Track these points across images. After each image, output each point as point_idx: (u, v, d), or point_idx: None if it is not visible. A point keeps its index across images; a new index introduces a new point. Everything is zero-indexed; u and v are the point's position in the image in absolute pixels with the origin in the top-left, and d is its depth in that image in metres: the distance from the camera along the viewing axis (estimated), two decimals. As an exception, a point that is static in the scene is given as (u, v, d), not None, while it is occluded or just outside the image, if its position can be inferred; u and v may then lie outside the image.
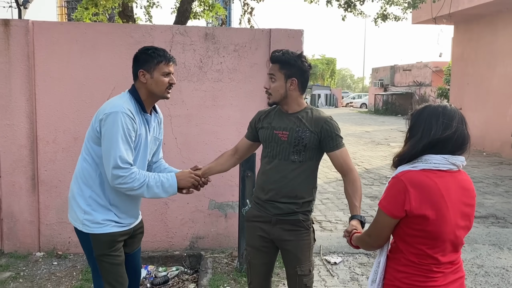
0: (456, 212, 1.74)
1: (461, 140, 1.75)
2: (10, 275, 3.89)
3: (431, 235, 1.73)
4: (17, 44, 4.15)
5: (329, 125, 2.47)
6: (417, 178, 1.72)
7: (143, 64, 2.40)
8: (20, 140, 4.24)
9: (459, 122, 1.75)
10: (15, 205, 4.30)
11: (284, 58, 2.45)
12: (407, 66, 33.00)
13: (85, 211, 2.37)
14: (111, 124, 2.26)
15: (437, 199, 1.71)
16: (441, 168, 1.74)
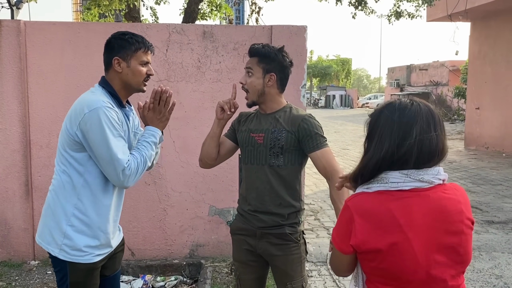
0: (427, 243, 1.33)
1: (428, 150, 1.34)
2: (1, 285, 3.75)
3: (389, 274, 1.35)
4: (9, 45, 4.02)
5: (307, 123, 2.23)
6: (366, 204, 1.36)
7: (118, 51, 2.10)
8: (12, 145, 4.10)
9: (425, 127, 1.35)
10: (9, 212, 4.16)
11: (264, 51, 2.24)
12: (423, 66, 32.44)
13: (66, 234, 2.05)
14: (95, 124, 1.96)
15: (392, 228, 1.32)
16: (402, 188, 1.34)
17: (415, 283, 1.34)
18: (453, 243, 1.35)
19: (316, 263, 4.34)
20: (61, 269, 2.11)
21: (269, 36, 4.18)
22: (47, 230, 2.10)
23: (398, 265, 1.33)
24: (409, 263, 1.32)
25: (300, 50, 4.15)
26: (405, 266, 1.33)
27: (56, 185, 2.12)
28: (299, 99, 4.19)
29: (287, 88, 4.22)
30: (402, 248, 1.32)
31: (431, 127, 1.35)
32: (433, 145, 1.35)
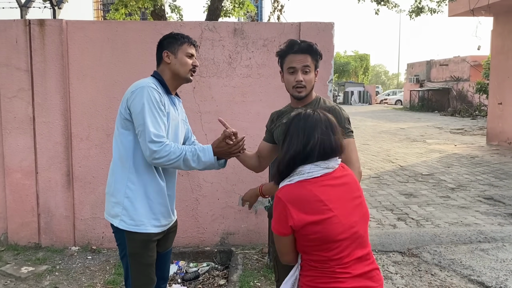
0: (345, 209, 1.73)
1: (330, 147, 1.77)
2: (46, 268, 4.00)
3: (323, 240, 1.70)
4: (52, 43, 4.26)
5: (333, 112, 2.29)
6: (293, 192, 1.73)
7: (167, 46, 2.42)
8: (55, 137, 4.35)
9: (324, 130, 1.78)
10: (51, 200, 4.42)
11: (315, 48, 2.34)
12: (443, 61, 32.08)
13: (124, 206, 2.32)
14: (139, 99, 2.23)
15: (317, 205, 1.70)
16: (315, 175, 1.75)
17: (345, 241, 1.71)
18: (359, 203, 1.79)
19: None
20: (121, 242, 2.37)
21: (297, 32, 4.33)
22: (110, 204, 2.39)
23: (329, 231, 1.69)
24: (336, 226, 1.70)
25: (327, 46, 4.30)
26: (334, 230, 1.70)
27: (113, 163, 2.41)
28: (326, 93, 4.33)
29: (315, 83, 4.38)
30: (328, 218, 1.70)
31: (329, 130, 1.79)
32: (332, 144, 1.77)
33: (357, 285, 1.72)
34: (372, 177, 8.25)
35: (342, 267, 1.71)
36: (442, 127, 18.90)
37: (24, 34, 4.26)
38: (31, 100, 4.32)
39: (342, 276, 1.71)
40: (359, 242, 1.75)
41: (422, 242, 4.72)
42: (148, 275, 2.41)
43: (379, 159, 10.33)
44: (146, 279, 2.41)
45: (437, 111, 29.35)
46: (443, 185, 7.56)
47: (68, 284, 3.74)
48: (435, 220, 5.57)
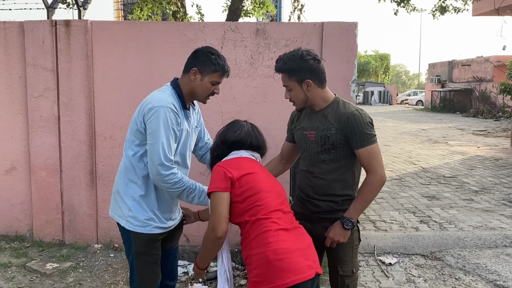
0: (269, 183, 2.16)
1: (256, 143, 2.28)
2: (70, 265, 4.07)
3: (255, 189, 2.05)
4: (77, 43, 4.33)
5: (352, 119, 2.28)
6: (228, 162, 2.18)
7: (200, 63, 2.36)
8: (79, 136, 4.42)
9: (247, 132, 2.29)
10: (75, 198, 4.49)
11: (287, 66, 2.31)
12: (466, 61, 31.51)
13: (130, 208, 2.38)
14: (156, 118, 2.25)
15: (247, 164, 2.15)
16: (244, 155, 2.22)
17: (270, 193, 2.09)
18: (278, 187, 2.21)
19: (363, 254, 4.45)
20: (127, 239, 2.43)
21: (320, 32, 4.30)
22: (117, 204, 2.45)
23: (259, 182, 2.09)
24: (262, 181, 2.11)
25: (351, 46, 4.26)
26: (262, 182, 2.10)
27: (123, 166, 2.46)
28: (349, 93, 4.29)
29: (337, 83, 4.36)
30: (255, 172, 2.13)
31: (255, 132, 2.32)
32: (259, 142, 2.31)
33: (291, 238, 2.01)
34: (394, 179, 8.15)
35: (272, 218, 2.01)
36: (464, 128, 18.57)
37: (51, 34, 4.33)
38: (56, 99, 4.39)
39: (275, 227, 1.99)
40: (282, 200, 2.13)
41: (446, 246, 4.64)
42: (153, 272, 2.47)
43: (400, 161, 10.20)
44: (151, 276, 2.47)
45: (459, 112, 28.84)
46: (466, 188, 7.43)
47: (91, 281, 3.79)
48: (458, 223, 5.47)
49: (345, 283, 2.41)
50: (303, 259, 1.96)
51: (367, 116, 2.35)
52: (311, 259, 2.01)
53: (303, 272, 1.92)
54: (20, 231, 4.63)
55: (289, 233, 2.01)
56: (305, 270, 1.93)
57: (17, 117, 4.50)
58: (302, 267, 1.93)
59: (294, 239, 2.01)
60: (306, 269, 1.94)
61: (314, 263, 2.01)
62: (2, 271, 3.93)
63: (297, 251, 1.96)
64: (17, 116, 4.50)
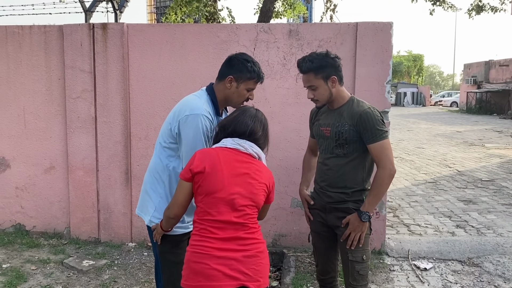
0: (232, 176, 2.02)
1: (240, 130, 2.12)
2: (106, 262, 4.16)
3: (205, 189, 2.00)
4: (114, 46, 4.43)
5: (364, 116, 2.44)
6: (204, 150, 2.14)
7: (236, 71, 2.35)
8: (115, 136, 4.52)
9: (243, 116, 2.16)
10: (110, 197, 4.59)
11: (315, 64, 2.45)
12: (504, 61, 30.47)
13: (156, 207, 2.41)
14: (191, 126, 2.25)
15: (214, 160, 2.03)
16: (228, 145, 2.10)
17: (219, 199, 1.99)
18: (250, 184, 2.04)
19: (397, 258, 4.36)
20: (152, 235, 2.45)
21: (354, 33, 4.25)
22: (144, 203, 2.50)
23: (213, 183, 2.00)
24: (218, 183, 2.00)
25: (386, 46, 4.19)
26: (216, 185, 1.99)
27: (152, 166, 2.50)
28: (384, 95, 4.22)
29: (371, 84, 4.30)
30: (216, 172, 2.01)
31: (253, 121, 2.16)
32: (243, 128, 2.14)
33: (222, 247, 1.95)
34: (428, 182, 7.96)
35: (213, 226, 1.98)
36: (502, 130, 17.96)
37: (88, 37, 4.45)
38: (93, 100, 4.51)
39: (210, 235, 1.97)
40: (236, 210, 1.99)
41: (484, 252, 4.49)
42: (178, 272, 2.46)
43: (435, 163, 9.95)
44: (177, 275, 2.46)
45: (495, 114, 27.93)
46: (505, 192, 7.17)
47: (126, 279, 3.86)
48: (497, 228, 5.29)
49: (355, 268, 2.53)
50: (226, 269, 1.93)
51: (379, 113, 2.49)
52: (242, 271, 1.95)
53: (218, 280, 1.91)
54: (58, 229, 4.78)
55: (223, 242, 1.96)
56: (222, 279, 1.92)
57: (56, 118, 4.64)
58: (218, 275, 1.92)
59: (225, 248, 1.95)
60: (225, 278, 1.92)
61: (244, 276, 1.95)
62: (41, 267, 4.05)
63: (221, 259, 1.94)
64: (56, 117, 4.64)
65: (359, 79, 4.24)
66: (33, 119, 4.68)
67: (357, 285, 2.55)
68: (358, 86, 4.23)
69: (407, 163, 9.98)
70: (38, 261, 4.18)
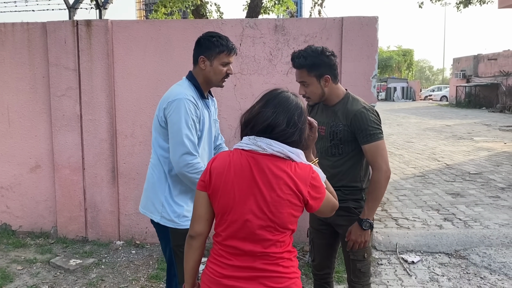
0: (245, 190, 1.61)
1: (260, 123, 1.65)
2: (93, 261, 4.13)
3: (217, 208, 1.66)
4: (98, 43, 4.38)
5: (358, 116, 2.36)
6: (220, 155, 1.71)
7: (205, 50, 2.38)
8: (101, 134, 4.48)
9: (265, 106, 1.68)
10: (97, 195, 4.55)
11: (308, 61, 2.36)
12: (492, 55, 30.74)
13: (163, 204, 2.39)
14: (176, 110, 2.26)
15: (223, 169, 1.65)
16: (243, 147, 1.66)
17: (234, 222, 1.62)
18: (265, 199, 1.59)
19: (385, 252, 4.38)
20: (164, 235, 2.43)
21: (339, 28, 4.25)
22: (150, 201, 2.45)
23: (223, 200, 1.63)
24: (229, 200, 1.62)
25: (371, 41, 4.19)
26: (227, 202, 1.62)
27: (153, 162, 2.47)
28: (370, 89, 4.23)
29: (357, 78, 4.30)
30: (227, 188, 1.62)
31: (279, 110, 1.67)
32: (264, 120, 1.66)
33: (234, 274, 1.63)
34: (417, 176, 8.01)
35: (227, 252, 1.65)
36: (490, 124, 18.12)
37: (72, 34, 4.40)
38: (78, 98, 4.46)
39: (222, 260, 1.65)
40: (248, 234, 1.61)
41: (471, 244, 4.53)
42: None
43: (424, 157, 10.02)
44: None
45: (484, 108, 28.17)
46: (492, 185, 7.24)
47: (113, 277, 3.84)
48: (484, 221, 5.33)
49: (357, 266, 2.53)
50: None
51: (374, 113, 2.42)
52: None
53: None
54: (44, 228, 4.73)
55: (236, 270, 1.65)
56: None
57: (41, 116, 4.59)
58: None
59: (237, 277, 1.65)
60: None
61: None
62: (28, 267, 4.01)
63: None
64: (40, 115, 4.59)
65: (345, 74, 4.24)
66: (17, 118, 4.62)
67: (359, 281, 2.55)
68: (344, 81, 4.23)
69: (396, 157, 10.03)
70: (25, 261, 4.14)
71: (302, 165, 1.66)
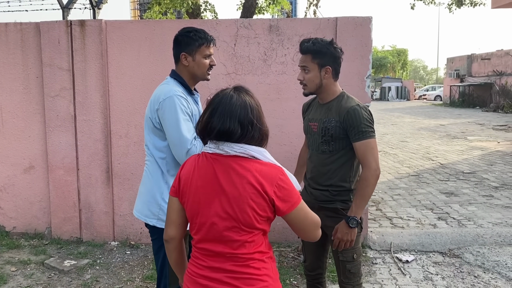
0: (211, 196, 1.59)
1: (215, 131, 1.61)
2: (88, 262, 4.12)
3: (188, 213, 1.66)
4: (92, 43, 4.37)
5: (351, 113, 2.36)
6: (190, 159, 1.72)
7: (185, 47, 2.39)
8: (95, 135, 4.46)
9: (212, 116, 1.62)
10: (92, 196, 4.54)
11: (315, 47, 2.37)
12: (485, 55, 30.89)
13: (160, 206, 2.37)
14: (170, 109, 2.25)
15: (190, 176, 1.64)
16: (208, 151, 1.65)
17: (199, 224, 1.62)
18: (229, 199, 1.57)
19: (380, 251, 4.40)
20: (158, 237, 2.40)
21: (333, 28, 4.26)
22: (145, 205, 2.43)
23: (189, 205, 1.64)
24: (195, 205, 1.62)
25: (365, 41, 4.21)
26: (193, 207, 1.63)
27: (149, 165, 2.46)
28: (364, 89, 4.24)
29: (351, 78, 4.31)
30: (192, 190, 1.63)
31: (228, 114, 1.61)
32: (218, 126, 1.61)
33: (208, 275, 1.61)
34: (411, 175, 8.04)
35: (201, 253, 1.65)
36: (484, 123, 18.22)
37: (66, 34, 4.38)
38: (72, 98, 4.45)
39: (198, 261, 1.65)
40: (217, 235, 1.59)
41: (464, 243, 4.56)
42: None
43: (418, 157, 10.06)
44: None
45: (478, 107, 28.32)
46: (485, 184, 7.28)
47: (108, 278, 3.83)
48: (477, 220, 5.37)
49: (347, 267, 2.52)
50: None
51: (368, 112, 2.43)
52: None
53: None
54: (38, 229, 4.71)
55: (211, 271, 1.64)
56: None
57: (35, 117, 4.57)
58: None
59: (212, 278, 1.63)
60: None
61: None
62: (22, 268, 4.00)
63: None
64: (34, 116, 4.57)
65: (340, 74, 4.24)
66: (11, 118, 4.60)
67: (349, 282, 2.54)
68: (338, 80, 4.23)
69: (390, 157, 10.07)
70: (19, 262, 4.12)
71: (271, 165, 1.63)
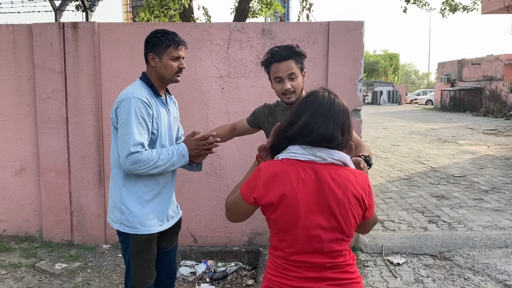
0: (312, 205, 1.54)
1: (316, 134, 1.56)
2: (79, 265, 4.09)
3: (277, 224, 1.58)
4: (85, 45, 4.36)
5: None
6: (272, 165, 1.60)
7: (152, 47, 2.40)
8: (87, 137, 4.45)
9: (315, 117, 1.57)
10: (83, 199, 4.52)
11: (296, 51, 2.30)
12: (476, 60, 31.20)
13: (121, 210, 2.38)
14: (124, 109, 2.26)
15: (285, 183, 1.54)
16: (299, 158, 1.57)
17: (298, 238, 1.56)
18: (334, 211, 1.54)
19: (371, 254, 4.43)
20: (124, 239, 2.44)
21: (326, 32, 4.29)
22: (110, 209, 2.47)
23: (285, 217, 1.55)
24: (292, 217, 1.54)
25: (357, 45, 4.24)
26: (290, 219, 1.55)
27: (112, 170, 2.48)
28: (356, 93, 4.28)
29: (344, 82, 4.34)
30: (290, 204, 1.54)
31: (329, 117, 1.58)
32: (321, 131, 1.56)
33: (306, 285, 1.58)
34: (403, 179, 8.10)
35: (288, 264, 1.59)
36: (474, 127, 18.40)
37: (58, 36, 4.37)
38: (64, 101, 4.43)
39: (290, 274, 1.59)
40: (316, 248, 1.56)
41: (455, 246, 4.60)
42: (148, 270, 2.49)
43: (409, 161, 10.14)
44: (147, 273, 2.48)
45: (469, 112, 28.59)
46: (476, 187, 7.36)
47: (99, 281, 3.81)
48: (468, 223, 5.42)
49: None
50: None
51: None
52: None
53: None
54: (29, 232, 4.68)
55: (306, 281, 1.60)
56: None
57: (26, 119, 4.55)
58: None
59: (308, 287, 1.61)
60: None
61: None
62: (12, 272, 3.97)
63: None
64: (26, 118, 4.55)
65: (332, 78, 4.29)
66: (2, 120, 4.57)
67: None
68: (330, 84, 4.27)
69: (382, 161, 10.13)
70: (9, 265, 4.09)
71: (359, 172, 1.62)
